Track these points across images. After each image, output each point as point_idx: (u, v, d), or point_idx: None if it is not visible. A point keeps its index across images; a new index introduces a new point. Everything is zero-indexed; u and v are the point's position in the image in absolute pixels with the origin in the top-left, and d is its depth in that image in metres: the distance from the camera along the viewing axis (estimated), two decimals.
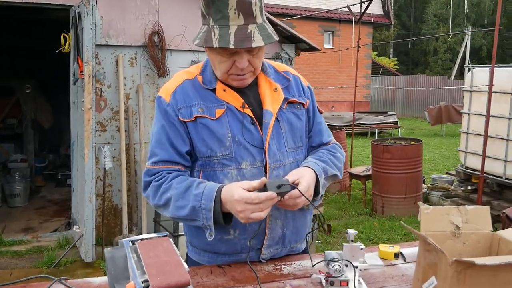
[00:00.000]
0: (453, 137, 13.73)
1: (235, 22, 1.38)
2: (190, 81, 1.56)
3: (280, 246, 1.62)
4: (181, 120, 1.51)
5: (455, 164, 9.38)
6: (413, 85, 20.39)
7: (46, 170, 7.32)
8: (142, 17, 4.47)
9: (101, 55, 4.35)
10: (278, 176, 1.54)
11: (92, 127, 3.81)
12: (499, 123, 5.07)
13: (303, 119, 1.64)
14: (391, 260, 1.68)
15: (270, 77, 1.61)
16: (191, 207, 1.41)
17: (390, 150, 5.74)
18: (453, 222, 1.51)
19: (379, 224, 5.51)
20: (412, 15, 38.51)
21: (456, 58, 31.03)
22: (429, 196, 6.11)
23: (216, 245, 1.56)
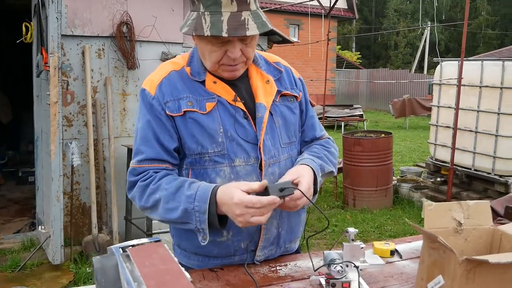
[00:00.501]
0: (416, 129, 14.08)
1: (228, 9, 1.27)
2: (177, 72, 1.45)
3: (275, 246, 1.54)
4: (168, 114, 1.40)
5: (421, 155, 9.59)
6: (376, 78, 20.75)
7: (6, 167, 6.96)
8: (110, 6, 4.26)
9: (66, 46, 4.12)
10: (274, 174, 1.45)
11: (58, 122, 3.61)
12: (467, 115, 5.18)
13: (296, 113, 1.56)
14: (387, 258, 1.63)
15: (262, 68, 1.51)
16: (183, 209, 1.30)
17: (361, 143, 5.77)
18: (455, 218, 1.47)
19: (351, 217, 5.54)
20: (374, 10, 39.22)
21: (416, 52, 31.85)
22: (399, 188, 6.19)
23: (208, 247, 1.44)
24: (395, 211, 5.72)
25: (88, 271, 3.80)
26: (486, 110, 5.06)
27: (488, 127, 5.05)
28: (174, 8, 4.54)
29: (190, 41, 4.67)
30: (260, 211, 1.24)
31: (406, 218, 2.36)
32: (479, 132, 5.13)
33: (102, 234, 4.24)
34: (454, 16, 34.80)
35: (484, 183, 5.20)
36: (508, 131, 4.91)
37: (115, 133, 4.40)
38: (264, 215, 1.26)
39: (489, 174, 5.05)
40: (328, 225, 1.44)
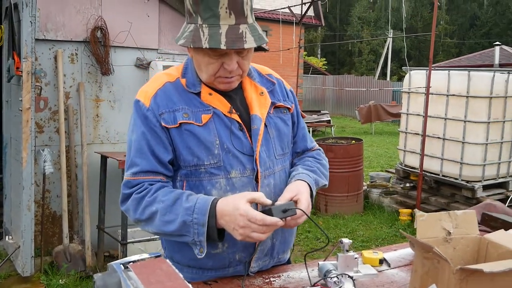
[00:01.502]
0: (382, 134, 14.41)
1: (226, 22, 1.28)
2: (172, 84, 1.44)
3: (268, 257, 1.55)
4: (164, 126, 1.38)
5: (388, 161, 9.82)
6: (342, 84, 21.13)
7: None
8: (84, 10, 4.16)
9: (38, 50, 3.98)
10: (269, 185, 1.46)
11: (31, 129, 3.49)
12: (435, 123, 5.35)
13: (289, 124, 1.58)
14: (376, 267, 1.66)
15: (255, 80, 1.53)
16: (181, 222, 1.29)
17: (333, 150, 5.85)
18: (445, 227, 1.51)
19: (323, 222, 5.61)
20: (338, 17, 39.99)
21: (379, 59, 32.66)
22: (369, 193, 6.32)
23: (202, 260, 1.43)
24: (366, 216, 5.83)
25: (60, 282, 3.68)
26: (453, 118, 5.24)
27: (455, 134, 5.23)
28: (149, 14, 4.48)
29: (165, 47, 4.63)
30: (262, 229, 1.25)
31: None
32: (447, 139, 5.30)
33: (73, 244, 4.12)
34: (415, 25, 35.93)
35: (451, 189, 5.38)
36: (474, 138, 5.11)
37: (88, 140, 4.29)
38: (265, 233, 1.27)
39: (457, 180, 5.23)
40: (328, 242, 1.47)
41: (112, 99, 4.41)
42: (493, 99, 5.06)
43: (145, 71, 4.47)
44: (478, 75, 5.10)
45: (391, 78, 29.88)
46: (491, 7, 36.52)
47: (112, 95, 4.39)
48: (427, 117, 4.98)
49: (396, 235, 5.15)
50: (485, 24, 35.99)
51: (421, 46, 35.09)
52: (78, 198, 4.30)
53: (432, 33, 5.03)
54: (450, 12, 37.20)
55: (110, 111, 4.41)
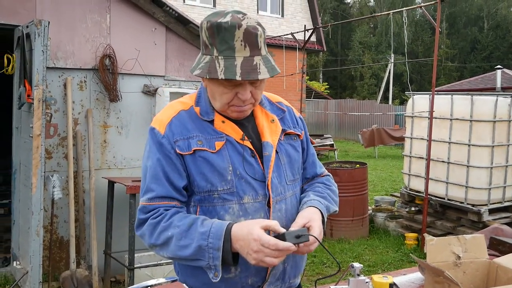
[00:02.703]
0: (385, 158, 14.40)
1: (241, 54, 1.34)
2: (186, 112, 1.49)
3: (280, 282, 1.56)
4: (178, 153, 1.42)
5: (392, 184, 9.80)
6: (344, 108, 21.25)
7: None
8: (93, 39, 4.27)
9: (48, 78, 4.06)
10: (281, 210, 1.50)
11: (41, 155, 3.54)
12: (439, 146, 5.38)
13: (299, 151, 1.62)
14: None
15: (266, 108, 1.58)
16: (196, 247, 1.31)
17: (338, 174, 5.87)
18: (454, 251, 1.54)
19: (329, 247, 5.58)
20: (339, 42, 40.48)
21: (380, 83, 32.91)
22: (374, 217, 6.30)
23: (215, 284, 1.45)
24: (371, 241, 5.80)
25: None
26: (457, 142, 5.27)
27: (459, 158, 5.25)
28: (157, 42, 4.59)
29: (172, 73, 4.71)
30: (275, 253, 1.27)
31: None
32: (451, 163, 5.32)
33: (80, 269, 4.12)
34: (415, 49, 36.34)
35: (457, 212, 5.36)
36: (479, 162, 5.12)
37: (96, 165, 4.33)
38: (277, 258, 1.29)
39: (462, 204, 5.22)
40: (340, 269, 1.50)
41: (120, 125, 4.47)
42: (497, 123, 5.10)
43: (152, 97, 4.54)
44: (481, 99, 5.16)
45: (393, 102, 30.05)
46: (492, 31, 36.97)
47: (119, 121, 4.46)
48: (431, 141, 5.02)
49: (403, 260, 5.12)
50: (486, 48, 36.35)
51: (422, 70, 35.40)
52: (86, 223, 4.32)
53: (434, 58, 5.12)
54: (451, 36, 37.63)
55: (117, 137, 4.47)
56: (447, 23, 37.31)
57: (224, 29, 1.33)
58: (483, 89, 14.38)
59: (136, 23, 4.45)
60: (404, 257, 5.22)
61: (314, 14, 17.04)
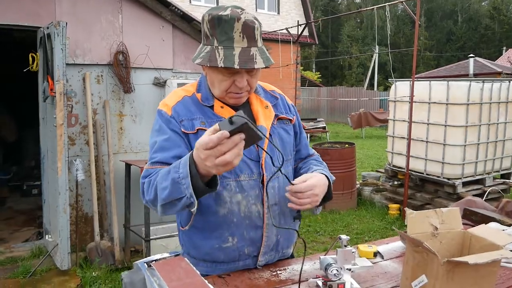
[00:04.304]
0: (372, 138, 14.32)
1: (239, 44, 1.29)
2: (189, 97, 1.45)
3: (274, 252, 1.53)
4: (183, 131, 1.38)
5: (377, 162, 9.75)
6: (335, 95, 21.07)
7: (11, 181, 6.68)
8: (108, 37, 4.18)
9: (69, 73, 4.00)
10: (274, 187, 1.46)
11: (64, 142, 3.49)
12: (419, 127, 5.29)
13: (291, 134, 1.57)
14: (371, 259, 1.63)
15: (261, 95, 1.53)
16: (171, 182, 1.17)
17: (329, 153, 5.82)
18: (432, 223, 1.48)
19: (322, 217, 5.56)
20: (330, 35, 40.00)
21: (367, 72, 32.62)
22: (362, 191, 6.26)
23: (215, 253, 1.44)
24: (359, 212, 5.78)
25: (93, 275, 3.67)
26: (434, 123, 5.19)
27: (437, 137, 5.18)
28: (164, 38, 4.49)
29: (179, 66, 4.62)
30: (218, 150, 1.04)
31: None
32: (430, 142, 5.24)
33: (103, 241, 4.11)
34: (398, 41, 35.85)
35: (435, 185, 5.31)
36: (454, 140, 5.05)
37: (114, 150, 4.29)
38: (227, 154, 1.04)
39: (439, 178, 5.16)
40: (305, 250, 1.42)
41: (134, 114, 4.41)
42: (470, 106, 5.01)
43: (162, 88, 4.47)
44: (456, 85, 5.06)
45: (378, 88, 29.79)
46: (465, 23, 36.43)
47: (133, 110, 4.40)
48: (412, 122, 4.94)
49: (387, 228, 5.10)
50: (460, 39, 35.88)
51: (404, 59, 35.00)
52: (107, 201, 4.30)
53: (414, 48, 5.00)
54: (429, 29, 37.12)
55: (132, 125, 4.41)
56: (425, 17, 36.80)
57: (224, 21, 1.28)
58: (457, 76, 14.20)
59: (145, 21, 4.34)
60: (388, 225, 5.19)
61: (306, 11, 16.77)
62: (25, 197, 6.26)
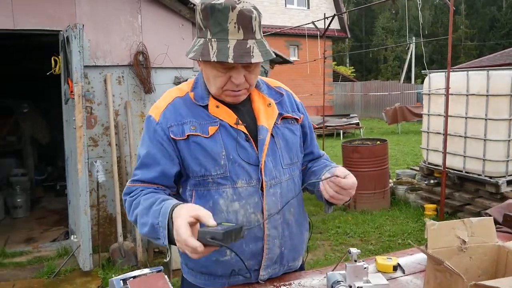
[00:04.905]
0: (408, 134, 13.75)
1: (234, 36, 1.14)
2: (181, 98, 1.32)
3: (278, 265, 1.37)
4: (172, 138, 1.26)
5: (414, 158, 9.31)
6: (369, 89, 20.46)
7: (46, 182, 6.88)
8: (127, 38, 4.15)
9: (90, 75, 4.01)
10: (275, 194, 1.30)
11: (84, 144, 3.48)
12: (456, 122, 4.92)
13: (297, 134, 1.41)
14: (390, 273, 1.43)
15: (263, 92, 1.37)
16: (151, 225, 1.15)
17: (359, 150, 5.55)
18: (459, 236, 1.27)
19: (352, 218, 5.31)
20: (363, 29, 38.96)
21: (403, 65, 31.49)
22: (396, 190, 5.94)
23: (212, 267, 1.31)
24: (393, 212, 5.48)
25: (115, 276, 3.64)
26: (473, 117, 4.81)
27: (476, 132, 4.79)
28: (184, 37, 4.41)
29: None
30: (189, 249, 1.02)
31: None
32: (468, 137, 4.87)
33: (127, 242, 4.09)
34: (436, 31, 34.35)
35: (475, 184, 4.93)
36: (496, 135, 4.65)
37: (136, 151, 4.24)
38: (195, 254, 1.02)
39: (480, 176, 4.78)
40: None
41: None
42: None
43: None
44: (497, 74, 4.65)
45: (415, 81, 28.71)
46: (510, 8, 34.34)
47: None
48: (448, 116, 4.59)
49: (422, 230, 4.79)
50: (504, 26, 33.86)
51: (443, 50, 33.46)
52: None
53: (449, 36, 4.65)
54: (470, 16, 35.33)
55: None
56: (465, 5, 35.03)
57: (218, 11, 1.14)
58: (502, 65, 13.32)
59: (164, 20, 4.27)
60: (423, 227, 4.88)
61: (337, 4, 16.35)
62: (58, 197, 6.42)
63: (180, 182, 1.36)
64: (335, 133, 13.62)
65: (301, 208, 1.44)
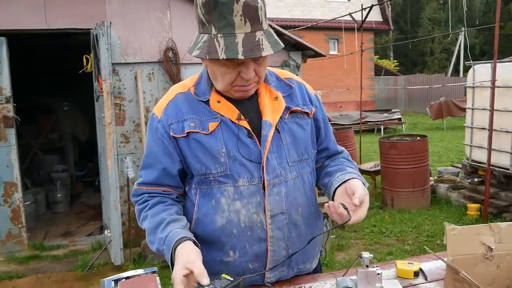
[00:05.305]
0: (454, 130, 13.10)
1: (241, 30, 1.07)
2: (183, 94, 1.27)
3: (286, 268, 1.30)
4: (173, 136, 1.22)
5: (458, 155, 8.84)
6: (413, 83, 19.68)
7: (85, 177, 7.14)
8: (157, 34, 4.19)
9: (121, 72, 4.08)
10: (279, 193, 1.23)
11: (113, 140, 3.55)
12: (503, 116, 4.58)
13: (307, 129, 1.31)
14: (410, 280, 1.32)
15: (271, 85, 1.29)
16: (156, 248, 1.22)
17: (397, 147, 5.32)
18: (485, 242, 1.14)
19: (389, 217, 5.11)
20: (409, 21, 37.49)
21: (451, 57, 30.03)
22: (437, 188, 5.64)
23: (216, 266, 1.26)
24: (432, 211, 5.21)
25: None
26: None
27: None
28: None
29: None
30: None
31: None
32: None
33: None
34: (488, 21, 32.46)
35: None
36: None
37: None
38: None
39: None
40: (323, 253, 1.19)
41: None
42: None
43: None
44: None
45: (464, 74, 27.31)
46: None
47: None
48: (494, 111, 4.27)
49: None
50: None
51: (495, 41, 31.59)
52: None
53: (496, 24, 4.33)
54: None
55: None
56: None
57: (221, 4, 1.06)
58: None
59: (193, 15, 4.25)
60: None
61: None
62: (97, 192, 6.61)
63: (186, 179, 1.33)
64: (376, 129, 13.22)
65: (313, 207, 1.35)
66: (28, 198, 5.09)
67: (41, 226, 5.05)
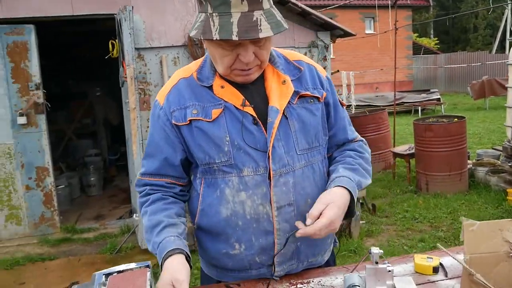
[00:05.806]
0: (497, 109, 12.41)
1: (238, 9, 1.00)
2: (185, 79, 1.21)
3: (295, 261, 1.25)
4: (175, 124, 1.18)
5: (500, 137, 8.37)
6: (454, 62, 18.73)
7: (119, 161, 7.33)
8: (181, 18, 4.15)
9: (147, 57, 4.09)
10: (286, 184, 1.17)
11: (138, 125, 3.58)
12: None
13: (318, 114, 1.23)
14: (429, 276, 1.23)
15: (279, 68, 1.21)
16: (151, 249, 1.20)
17: (433, 129, 5.08)
18: (508, 239, 1.04)
19: (424, 202, 4.92)
20: None
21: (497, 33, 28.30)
22: (475, 172, 5.36)
23: (222, 259, 1.24)
24: (470, 196, 4.97)
25: None
26: None
27: None
28: None
29: None
30: None
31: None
32: None
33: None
34: None
35: None
36: None
37: None
38: None
39: None
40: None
41: None
42: None
43: None
44: None
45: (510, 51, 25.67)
46: None
47: None
48: None
49: (503, 217, 4.27)
50: None
51: None
52: None
53: None
54: None
55: None
56: None
57: None
58: None
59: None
60: (505, 214, 4.35)
61: None
62: None
63: (191, 168, 1.29)
64: (413, 110, 12.74)
65: None
66: (62, 182, 5.28)
67: (75, 209, 5.23)
